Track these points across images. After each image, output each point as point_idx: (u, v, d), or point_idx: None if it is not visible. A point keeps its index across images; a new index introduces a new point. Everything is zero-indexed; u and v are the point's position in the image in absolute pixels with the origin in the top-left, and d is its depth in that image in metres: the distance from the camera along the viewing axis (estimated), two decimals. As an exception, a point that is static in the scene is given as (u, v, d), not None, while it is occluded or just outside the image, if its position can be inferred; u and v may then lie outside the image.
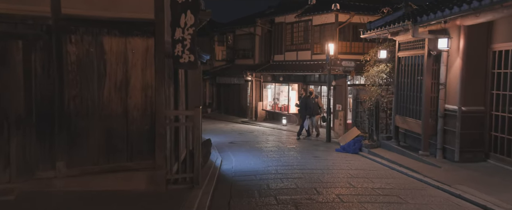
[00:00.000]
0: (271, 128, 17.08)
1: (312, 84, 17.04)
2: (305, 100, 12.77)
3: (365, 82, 10.67)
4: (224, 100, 23.58)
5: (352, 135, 11.14)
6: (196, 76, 8.21)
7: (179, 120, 6.72)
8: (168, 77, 6.04)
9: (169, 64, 5.87)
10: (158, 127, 5.38)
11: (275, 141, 12.69)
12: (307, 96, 13.00)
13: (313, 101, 12.79)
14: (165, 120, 5.49)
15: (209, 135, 14.56)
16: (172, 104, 6.41)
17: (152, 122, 5.40)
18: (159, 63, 5.38)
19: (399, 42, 8.89)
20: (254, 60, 21.10)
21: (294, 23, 18.16)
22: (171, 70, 6.31)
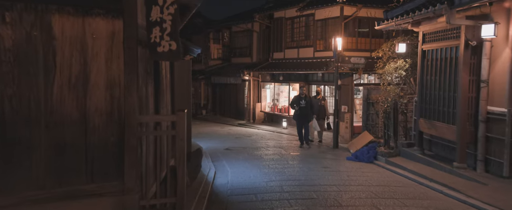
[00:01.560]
0: (271, 131, 15.76)
1: (315, 84, 15.74)
2: (309, 100, 10.94)
3: (381, 81, 9.36)
4: (220, 101, 22.24)
5: (363, 141, 9.83)
6: (185, 72, 6.86)
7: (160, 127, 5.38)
8: (145, 72, 4.70)
9: (145, 56, 4.53)
10: (129, 137, 4.03)
11: (276, 146, 11.36)
12: (312, 97, 11.63)
13: (320, 103, 11.14)
14: (138, 128, 4.14)
15: (203, 140, 13.25)
16: (151, 107, 5.07)
17: (120, 131, 4.06)
18: (130, 53, 4.03)
19: (424, 32, 7.59)
20: (251, 58, 19.78)
21: (295, 18, 16.85)
22: (150, 63, 4.97)
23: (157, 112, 5.39)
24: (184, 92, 6.89)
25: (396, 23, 7.77)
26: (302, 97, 10.69)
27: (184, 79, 6.85)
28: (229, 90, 21.00)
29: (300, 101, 10.60)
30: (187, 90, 6.96)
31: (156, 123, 5.24)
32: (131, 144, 4.05)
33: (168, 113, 6.08)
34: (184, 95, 6.91)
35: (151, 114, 5.02)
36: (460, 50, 6.28)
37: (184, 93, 6.91)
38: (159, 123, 5.26)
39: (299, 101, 10.61)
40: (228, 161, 8.88)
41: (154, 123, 5.07)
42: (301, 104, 10.58)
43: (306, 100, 10.67)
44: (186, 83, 6.87)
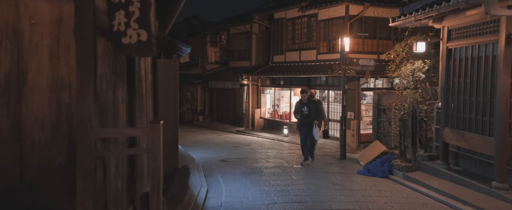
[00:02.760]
0: (271, 139, 14.69)
1: (318, 89, 14.70)
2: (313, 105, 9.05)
3: (395, 85, 8.32)
4: (217, 107, 21.19)
5: (375, 152, 8.77)
6: (171, 74, 5.82)
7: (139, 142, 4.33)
8: (111, 72, 3.67)
9: (111, 50, 3.49)
10: (82, 158, 2.99)
11: (277, 157, 10.29)
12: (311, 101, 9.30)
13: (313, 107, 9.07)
14: (95, 146, 3.10)
15: (197, 149, 12.19)
16: (122, 117, 4.02)
17: (70, 150, 3.02)
18: (84, 45, 3.00)
19: (450, 28, 6.57)
20: (250, 62, 18.76)
21: (297, 19, 15.84)
22: (120, 60, 3.93)
23: (132, 122, 4.34)
24: (170, 98, 5.84)
25: (416, 18, 6.74)
26: (304, 103, 9.01)
27: (171, 82, 5.80)
28: (227, 96, 19.96)
29: (302, 108, 8.98)
30: (173, 95, 5.91)
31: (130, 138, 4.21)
32: (85, 166, 3.00)
33: (146, 123, 5.03)
34: (171, 101, 5.86)
35: (121, 125, 3.97)
36: (500, 47, 5.25)
37: (171, 98, 5.86)
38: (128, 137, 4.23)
39: (300, 108, 9.00)
40: (223, 176, 7.81)
41: (124, 137, 4.03)
42: (304, 111, 8.95)
43: (309, 106, 8.96)
44: (172, 87, 5.82)
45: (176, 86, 5.82)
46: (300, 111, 9.02)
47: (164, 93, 5.79)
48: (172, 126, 5.74)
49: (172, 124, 5.74)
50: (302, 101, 9.09)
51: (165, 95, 5.78)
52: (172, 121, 5.75)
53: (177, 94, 5.85)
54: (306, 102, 9.04)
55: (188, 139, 14.87)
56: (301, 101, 9.15)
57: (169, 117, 5.69)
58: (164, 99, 5.77)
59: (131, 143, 4.26)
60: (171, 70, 5.75)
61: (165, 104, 5.74)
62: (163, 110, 5.74)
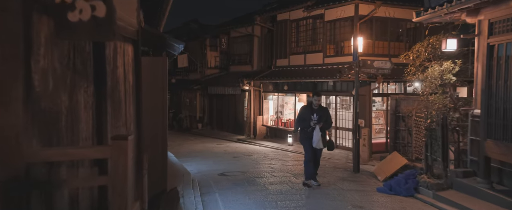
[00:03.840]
0: (274, 149, 13.64)
1: (325, 94, 13.69)
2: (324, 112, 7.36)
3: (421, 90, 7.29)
4: (217, 114, 20.15)
5: (394, 165, 7.71)
6: (158, 74, 4.79)
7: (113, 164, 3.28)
8: (66, 66, 2.64)
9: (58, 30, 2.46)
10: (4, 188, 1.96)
11: (283, 170, 9.23)
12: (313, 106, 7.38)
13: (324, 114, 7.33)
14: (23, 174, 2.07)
15: (194, 160, 11.13)
16: (86, 129, 2.99)
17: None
18: (7, 21, 1.98)
19: (492, 21, 5.54)
20: (252, 66, 17.76)
21: (301, 20, 14.87)
22: (83, 51, 2.92)
23: (101, 136, 3.30)
24: (158, 104, 4.80)
25: (449, 10, 5.73)
26: (314, 109, 7.14)
27: (158, 85, 4.78)
28: (228, 102, 18.94)
29: (311, 115, 7.10)
30: (162, 101, 4.87)
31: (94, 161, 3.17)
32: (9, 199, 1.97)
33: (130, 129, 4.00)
34: (158, 109, 4.82)
35: (84, 141, 2.93)
36: None
37: (158, 105, 4.83)
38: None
39: (309, 115, 7.13)
40: (222, 194, 6.75)
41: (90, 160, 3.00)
42: (313, 119, 7.06)
43: (320, 114, 7.10)
44: (160, 91, 4.79)
45: (165, 91, 4.79)
46: (308, 119, 7.12)
47: (150, 99, 4.75)
48: (159, 140, 4.70)
49: (159, 137, 4.70)
50: (312, 108, 7.24)
51: (151, 101, 4.74)
52: (159, 133, 4.71)
53: (166, 100, 4.82)
54: (317, 109, 7.22)
55: (185, 149, 13.82)
56: (310, 107, 7.27)
57: (156, 128, 4.66)
58: (150, 106, 4.73)
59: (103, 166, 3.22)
60: (159, 70, 4.72)
61: (151, 112, 4.70)
62: (149, 119, 4.71)
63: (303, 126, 7.25)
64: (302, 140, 7.41)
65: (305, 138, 7.27)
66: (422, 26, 13.14)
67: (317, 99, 7.28)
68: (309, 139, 7.16)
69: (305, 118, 7.28)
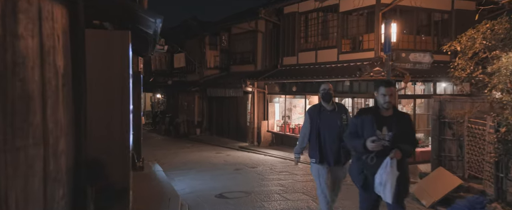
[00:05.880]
0: (282, 159, 11.89)
1: (340, 96, 11.92)
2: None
3: (490, 87, 5.49)
4: (217, 118, 18.40)
5: (444, 186, 5.92)
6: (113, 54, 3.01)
7: None
8: None
9: None
10: None
11: (297, 189, 7.47)
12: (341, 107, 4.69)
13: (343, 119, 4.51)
14: None
15: (188, 174, 9.23)
16: None
17: None
18: None
19: None
20: (255, 65, 16.03)
21: (312, 12, 13.14)
22: None
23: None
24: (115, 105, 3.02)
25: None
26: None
27: (115, 73, 2.99)
28: (228, 105, 17.19)
29: (376, 128, 3.46)
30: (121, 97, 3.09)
31: None
32: None
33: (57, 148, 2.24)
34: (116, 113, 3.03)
35: None
36: None
37: (116, 106, 3.05)
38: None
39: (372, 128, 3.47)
40: (220, 229, 4.96)
41: None
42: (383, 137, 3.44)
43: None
44: (118, 80, 3.02)
45: (126, 81, 3.02)
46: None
47: (104, 97, 2.98)
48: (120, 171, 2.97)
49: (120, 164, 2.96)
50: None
51: (106, 100, 2.96)
52: (120, 158, 2.97)
53: (127, 97, 3.05)
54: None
55: (179, 159, 12.06)
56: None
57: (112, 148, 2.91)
58: (104, 109, 2.96)
59: None
60: (116, 50, 2.96)
61: (103, 112, 2.92)
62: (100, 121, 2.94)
63: (357, 148, 3.57)
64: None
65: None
66: (451, 18, 11.42)
67: (389, 92, 3.44)
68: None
69: (312, 124, 4.46)
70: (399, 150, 3.32)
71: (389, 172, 3.28)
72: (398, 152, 3.32)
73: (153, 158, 11.68)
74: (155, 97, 25.80)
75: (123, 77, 2.99)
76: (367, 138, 3.35)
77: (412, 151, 3.91)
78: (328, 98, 4.50)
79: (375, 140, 3.31)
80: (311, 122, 4.52)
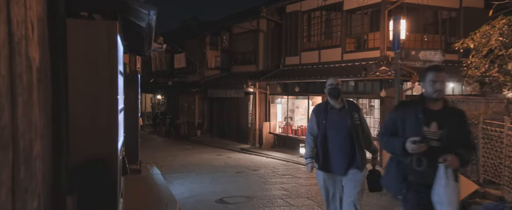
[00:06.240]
0: (284, 161, 11.56)
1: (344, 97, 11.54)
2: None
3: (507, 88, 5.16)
4: (218, 119, 18.07)
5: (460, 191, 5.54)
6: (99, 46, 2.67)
7: None
8: None
9: None
10: None
11: (301, 194, 7.13)
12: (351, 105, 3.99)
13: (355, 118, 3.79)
14: None
15: (187, 177, 8.82)
16: None
17: None
18: None
19: None
20: (257, 66, 15.70)
21: (315, 11, 12.82)
22: None
23: None
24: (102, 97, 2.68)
25: None
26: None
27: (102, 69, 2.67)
28: (229, 106, 16.87)
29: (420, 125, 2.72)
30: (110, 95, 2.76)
31: None
32: None
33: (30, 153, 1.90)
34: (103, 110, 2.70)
35: None
36: None
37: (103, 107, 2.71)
38: None
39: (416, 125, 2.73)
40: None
41: None
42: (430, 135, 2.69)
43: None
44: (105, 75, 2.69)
45: (114, 78, 2.69)
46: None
47: (89, 94, 2.66)
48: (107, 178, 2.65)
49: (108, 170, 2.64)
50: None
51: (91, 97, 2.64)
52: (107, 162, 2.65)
53: (116, 94, 2.71)
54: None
55: (179, 161, 11.73)
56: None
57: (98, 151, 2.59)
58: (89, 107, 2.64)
59: None
60: (102, 42, 2.63)
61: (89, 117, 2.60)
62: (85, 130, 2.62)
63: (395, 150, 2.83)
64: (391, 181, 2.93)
65: (401, 181, 2.83)
66: (459, 17, 11.08)
67: (440, 78, 2.71)
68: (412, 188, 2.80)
69: (405, 129, 2.82)
70: (456, 155, 2.56)
71: (449, 186, 2.53)
72: (454, 158, 2.54)
73: (152, 160, 11.36)
74: (155, 98, 25.48)
75: (111, 72, 2.66)
76: (409, 138, 2.61)
77: (470, 158, 2.98)
78: (336, 94, 3.86)
79: (418, 140, 2.55)
80: (317, 122, 3.90)
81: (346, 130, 3.76)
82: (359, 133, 3.78)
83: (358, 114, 3.86)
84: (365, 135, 3.87)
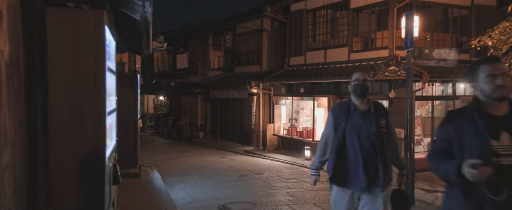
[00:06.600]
0: (289, 164, 11.24)
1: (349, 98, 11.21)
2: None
3: None
4: (220, 121, 17.76)
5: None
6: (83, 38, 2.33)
7: None
8: None
9: None
10: None
11: (306, 199, 6.79)
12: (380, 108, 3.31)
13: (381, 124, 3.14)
14: None
15: (189, 181, 8.41)
16: None
17: None
18: None
19: None
20: (261, 66, 15.37)
21: (320, 9, 12.48)
22: None
23: None
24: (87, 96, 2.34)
25: None
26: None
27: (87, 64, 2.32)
28: (233, 108, 16.56)
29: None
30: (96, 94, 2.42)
31: None
32: None
33: None
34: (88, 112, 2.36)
35: None
36: None
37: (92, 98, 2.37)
38: None
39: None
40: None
41: None
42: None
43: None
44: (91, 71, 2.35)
45: (101, 74, 2.36)
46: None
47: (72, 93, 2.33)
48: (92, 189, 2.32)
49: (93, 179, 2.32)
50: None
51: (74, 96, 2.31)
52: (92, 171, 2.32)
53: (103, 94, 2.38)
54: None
55: (181, 164, 11.42)
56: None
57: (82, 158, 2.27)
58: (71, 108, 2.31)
59: None
60: (87, 34, 2.29)
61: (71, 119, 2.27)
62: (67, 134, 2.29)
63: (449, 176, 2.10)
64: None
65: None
66: (471, 15, 10.69)
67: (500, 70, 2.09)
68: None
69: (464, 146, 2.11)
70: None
71: None
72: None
73: (153, 163, 11.06)
74: (158, 99, 25.21)
75: (98, 68, 2.33)
76: (468, 160, 1.91)
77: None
78: (362, 92, 3.14)
79: (479, 164, 1.87)
80: (334, 125, 3.20)
81: (370, 137, 3.09)
82: (384, 143, 3.11)
83: (386, 120, 3.19)
84: (392, 146, 3.22)
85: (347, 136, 3.13)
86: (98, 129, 2.35)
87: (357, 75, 3.24)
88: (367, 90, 3.18)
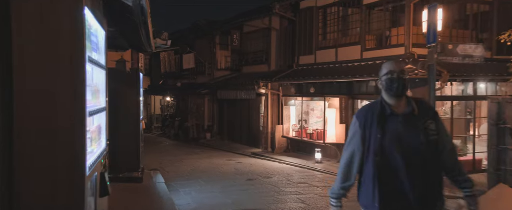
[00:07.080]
0: (299, 167, 10.78)
1: (363, 98, 10.79)
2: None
3: None
4: (228, 122, 17.34)
5: (509, 208, 4.71)
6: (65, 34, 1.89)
7: None
8: None
9: None
10: None
11: (317, 205, 6.36)
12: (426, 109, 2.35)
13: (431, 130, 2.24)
14: None
15: (194, 185, 7.86)
16: None
17: None
18: None
19: None
20: (269, 66, 14.93)
21: (331, 6, 12.01)
22: None
23: None
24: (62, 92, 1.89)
25: None
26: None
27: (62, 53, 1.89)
28: (240, 108, 16.12)
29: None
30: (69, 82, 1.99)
31: None
32: None
33: None
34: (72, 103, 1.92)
35: None
36: None
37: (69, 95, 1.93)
38: None
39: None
40: None
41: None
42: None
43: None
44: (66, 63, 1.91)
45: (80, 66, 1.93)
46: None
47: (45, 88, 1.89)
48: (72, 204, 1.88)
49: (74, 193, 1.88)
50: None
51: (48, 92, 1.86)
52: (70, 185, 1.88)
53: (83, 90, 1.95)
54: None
55: (186, 166, 11.02)
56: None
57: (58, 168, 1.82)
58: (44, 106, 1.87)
59: None
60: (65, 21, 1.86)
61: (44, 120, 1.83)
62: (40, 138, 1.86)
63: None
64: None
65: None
66: (493, 10, 10.14)
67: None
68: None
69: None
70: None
71: None
72: None
73: (158, 165, 10.69)
74: (164, 100, 24.90)
75: (76, 59, 1.91)
76: None
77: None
78: (399, 89, 2.24)
79: None
80: (363, 136, 2.28)
81: (418, 151, 2.19)
82: (436, 155, 2.25)
83: (436, 123, 2.28)
84: (447, 156, 2.30)
85: (387, 151, 2.21)
86: (75, 131, 1.93)
87: (389, 66, 2.33)
88: (405, 86, 2.26)
